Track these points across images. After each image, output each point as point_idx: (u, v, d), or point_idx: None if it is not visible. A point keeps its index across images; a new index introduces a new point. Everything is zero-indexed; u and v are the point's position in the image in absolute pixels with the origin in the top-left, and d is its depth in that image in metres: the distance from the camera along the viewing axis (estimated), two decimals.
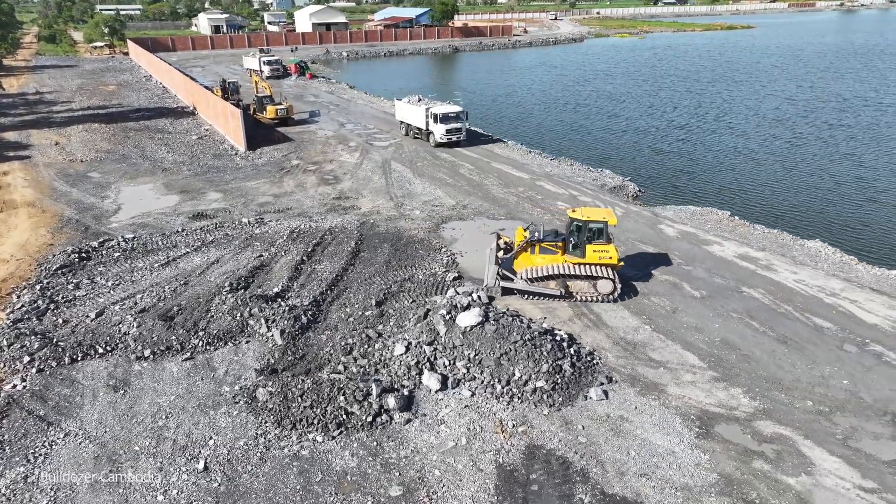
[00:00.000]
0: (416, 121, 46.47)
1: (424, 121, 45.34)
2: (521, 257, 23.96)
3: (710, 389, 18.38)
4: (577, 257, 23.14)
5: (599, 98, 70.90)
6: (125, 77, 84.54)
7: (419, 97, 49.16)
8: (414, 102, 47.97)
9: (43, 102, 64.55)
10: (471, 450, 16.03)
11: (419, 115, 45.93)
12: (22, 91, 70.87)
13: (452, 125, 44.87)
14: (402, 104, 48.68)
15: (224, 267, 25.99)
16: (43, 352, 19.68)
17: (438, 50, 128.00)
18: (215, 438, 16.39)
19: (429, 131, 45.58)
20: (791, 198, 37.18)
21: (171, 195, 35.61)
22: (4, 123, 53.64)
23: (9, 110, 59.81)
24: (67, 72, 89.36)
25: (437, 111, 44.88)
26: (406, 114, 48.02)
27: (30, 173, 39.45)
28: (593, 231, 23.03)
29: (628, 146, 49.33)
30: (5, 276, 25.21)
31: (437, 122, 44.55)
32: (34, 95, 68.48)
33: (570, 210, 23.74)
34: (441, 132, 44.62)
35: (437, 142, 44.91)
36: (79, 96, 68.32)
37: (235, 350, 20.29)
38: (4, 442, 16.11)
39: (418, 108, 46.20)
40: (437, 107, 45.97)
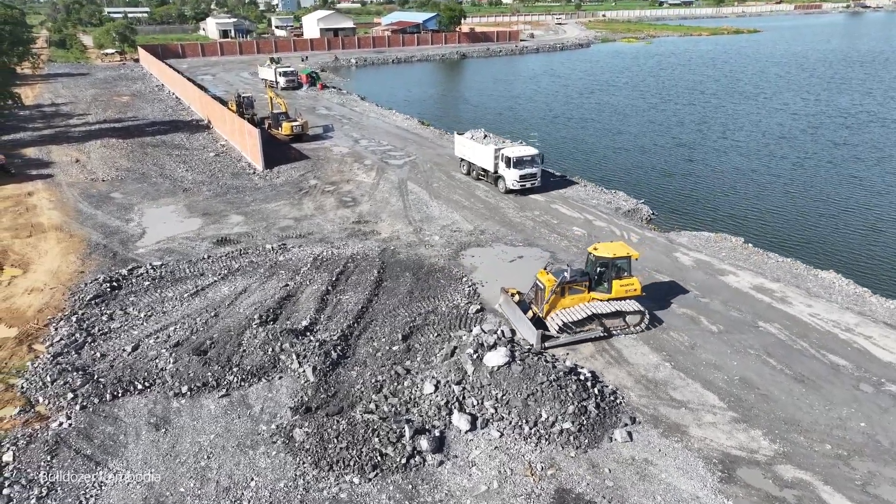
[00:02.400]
0: (482, 161, 41.27)
1: (493, 163, 40.11)
2: (553, 300, 23.44)
3: (731, 431, 18.99)
4: (605, 293, 23.75)
5: (603, 112, 71.36)
6: (138, 86, 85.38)
7: (484, 132, 43.97)
8: (479, 139, 42.66)
9: (60, 115, 65.40)
10: (503, 493, 16.69)
11: (486, 156, 40.72)
12: (38, 103, 71.75)
13: (527, 170, 39.19)
14: (465, 140, 43.35)
15: (252, 297, 26.69)
16: (85, 388, 20.40)
17: (446, 56, 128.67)
18: (256, 480, 17.08)
19: (497, 175, 40.24)
20: (800, 223, 37.70)
21: (194, 218, 36.34)
22: (25, 139, 54.48)
23: (27, 124, 60.66)
24: (80, 80, 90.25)
25: (511, 154, 39.10)
26: (468, 151, 42.83)
27: (54, 194, 40.22)
28: (619, 267, 23.72)
29: (634, 166, 49.81)
30: (41, 306, 25.96)
31: (511, 167, 39.01)
32: (50, 107, 69.31)
33: (592, 248, 24.32)
34: (514, 179, 39.09)
35: (508, 189, 39.51)
36: (94, 108, 69.16)
37: (269, 386, 20.98)
38: (57, 483, 16.83)
39: (485, 147, 40.88)
40: (510, 148, 39.97)
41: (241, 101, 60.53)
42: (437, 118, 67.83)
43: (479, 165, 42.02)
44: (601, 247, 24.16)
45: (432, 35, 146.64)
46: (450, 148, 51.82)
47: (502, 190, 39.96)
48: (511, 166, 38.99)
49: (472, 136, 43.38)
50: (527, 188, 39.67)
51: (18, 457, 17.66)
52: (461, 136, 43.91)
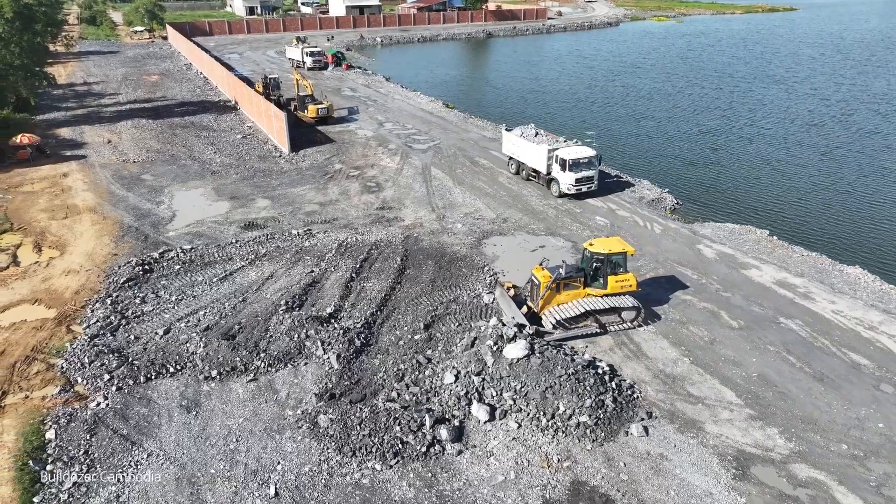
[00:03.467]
0: (534, 162, 38.51)
1: (546, 164, 37.43)
2: (548, 296, 23.70)
3: (747, 428, 19.21)
4: (600, 289, 23.86)
5: (627, 96, 70.31)
6: (166, 65, 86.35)
7: (535, 129, 40.84)
8: (529, 136, 39.72)
9: (92, 94, 66.61)
10: (519, 484, 17.20)
11: (538, 156, 37.92)
12: (70, 82, 73.07)
13: (584, 173, 36.27)
14: (514, 137, 40.41)
15: (278, 283, 27.38)
16: (120, 370, 21.32)
17: (472, 35, 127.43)
18: (283, 463, 17.82)
19: (550, 177, 37.53)
20: (827, 215, 37.18)
21: (222, 201, 37.10)
22: (59, 119, 55.73)
23: (61, 103, 61.96)
24: (111, 59, 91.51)
25: (567, 156, 36.08)
26: (518, 150, 40.02)
27: (88, 175, 41.29)
28: (614, 263, 23.85)
29: (658, 154, 49.23)
30: (78, 287, 26.97)
31: (566, 170, 36.11)
32: (83, 87, 70.58)
33: (588, 243, 24.38)
34: (569, 182, 36.22)
35: (562, 192, 36.80)
36: (125, 87, 70.27)
37: (295, 372, 21.68)
38: (96, 460, 17.76)
39: (537, 146, 38.00)
40: (565, 149, 36.88)
41: (268, 83, 61.02)
42: (460, 101, 67.63)
43: (529, 166, 39.06)
44: (597, 242, 24.24)
45: (458, 13, 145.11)
46: (474, 132, 51.93)
47: (555, 193, 37.27)
48: (566, 169, 36.04)
49: (522, 133, 40.32)
50: (582, 192, 36.85)
51: (60, 434, 18.63)
52: (510, 133, 40.88)
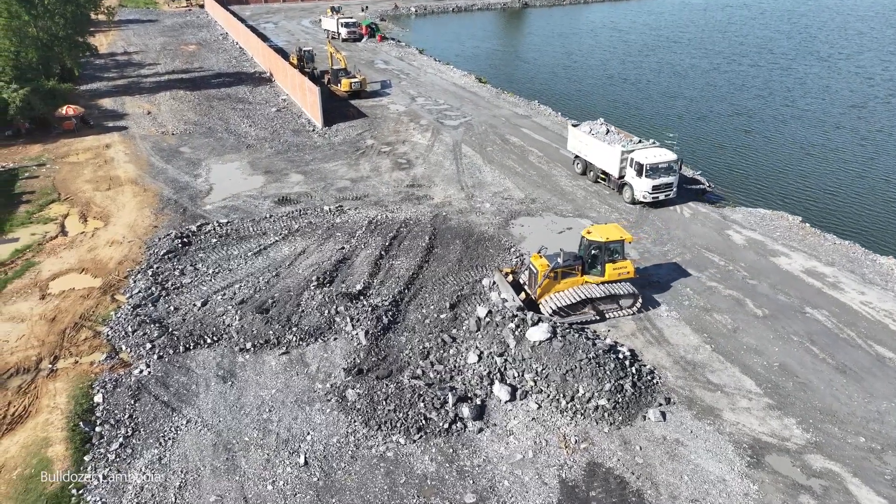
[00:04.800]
0: (605, 163, 34.97)
1: (618, 167, 33.90)
2: (545, 285, 23.89)
3: (765, 418, 19.50)
4: (598, 276, 24.02)
5: (661, 73, 68.61)
6: (203, 35, 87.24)
7: (606, 125, 36.79)
8: (599, 133, 36.06)
9: (132, 64, 67.97)
10: (537, 462, 17.89)
11: (610, 158, 34.38)
12: (111, 51, 74.51)
13: (662, 180, 32.53)
14: (581, 134, 36.58)
15: (310, 259, 28.25)
16: (161, 339, 22.51)
17: (508, 5, 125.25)
18: (312, 434, 18.81)
19: (623, 182, 34.04)
20: (863, 203, 36.41)
21: (257, 175, 38.01)
22: (101, 89, 57.19)
23: (102, 73, 63.44)
24: (150, 27, 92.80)
25: (643, 159, 32.41)
26: (586, 149, 36.31)
27: (129, 146, 42.60)
28: (612, 250, 23.98)
29: (689, 135, 47.98)
30: (121, 258, 28.25)
31: (642, 176, 32.50)
32: (123, 56, 72.00)
33: (585, 231, 24.43)
34: (645, 189, 32.64)
35: (636, 200, 33.32)
36: (163, 57, 71.44)
37: (325, 347, 22.60)
38: (140, 424, 19.00)
39: (610, 147, 34.34)
40: (642, 152, 33.18)
41: (302, 56, 61.44)
42: (493, 74, 67.11)
43: (599, 167, 35.67)
44: (595, 230, 24.35)
45: None
46: (506, 109, 51.74)
47: (627, 200, 33.83)
48: (643, 174, 32.45)
49: (592, 129, 36.61)
50: (659, 200, 33.43)
51: (107, 398, 19.92)
52: (577, 130, 37.06)
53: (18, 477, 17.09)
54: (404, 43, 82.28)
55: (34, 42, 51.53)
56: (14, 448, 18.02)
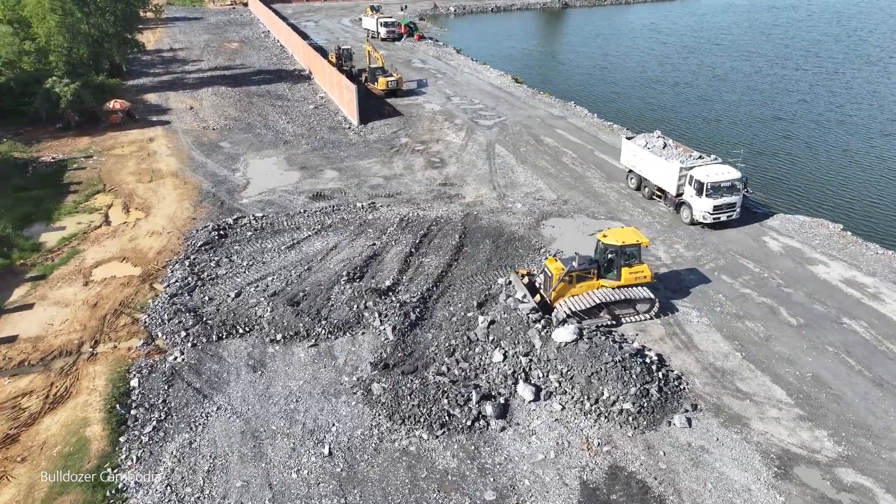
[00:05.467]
0: (661, 180, 32.68)
1: (676, 184, 31.49)
2: (560, 288, 23.73)
3: (795, 428, 19.10)
4: (613, 281, 23.73)
5: (699, 76, 67.19)
6: (246, 32, 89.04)
7: (663, 138, 34.36)
8: (656, 147, 33.70)
9: (177, 61, 69.83)
10: (558, 463, 17.89)
11: (667, 175, 32.01)
12: (158, 48, 76.69)
13: (724, 200, 30.11)
14: (636, 147, 34.43)
15: (341, 254, 28.69)
16: (195, 328, 23.18)
17: (547, 5, 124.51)
18: (337, 426, 19.16)
19: (681, 200, 31.54)
20: None
21: (293, 171, 38.72)
22: (147, 84, 58.96)
23: (149, 69, 65.36)
24: (195, 25, 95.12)
25: (704, 177, 29.93)
26: (641, 163, 34.09)
27: (171, 140, 43.85)
28: (628, 254, 23.66)
29: (725, 140, 46.87)
30: (160, 248, 29.15)
31: (702, 195, 30.03)
32: (169, 53, 74.05)
33: (601, 234, 24.20)
34: (705, 210, 30.23)
35: (695, 220, 30.88)
36: (206, 54, 73.18)
37: (353, 341, 22.97)
38: (173, 409, 19.64)
39: (667, 162, 31.99)
40: (703, 169, 30.65)
41: (341, 54, 62.23)
42: (529, 75, 66.88)
43: (654, 183, 33.44)
44: (611, 233, 24.09)
45: None
46: (541, 109, 51.55)
47: (685, 220, 31.36)
48: (703, 193, 30.04)
49: (647, 143, 34.42)
50: (721, 222, 31.03)
51: (142, 383, 20.63)
52: (631, 143, 35.05)
53: (58, 454, 17.86)
54: (442, 42, 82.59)
55: (86, 38, 53.39)
56: (55, 426, 18.84)
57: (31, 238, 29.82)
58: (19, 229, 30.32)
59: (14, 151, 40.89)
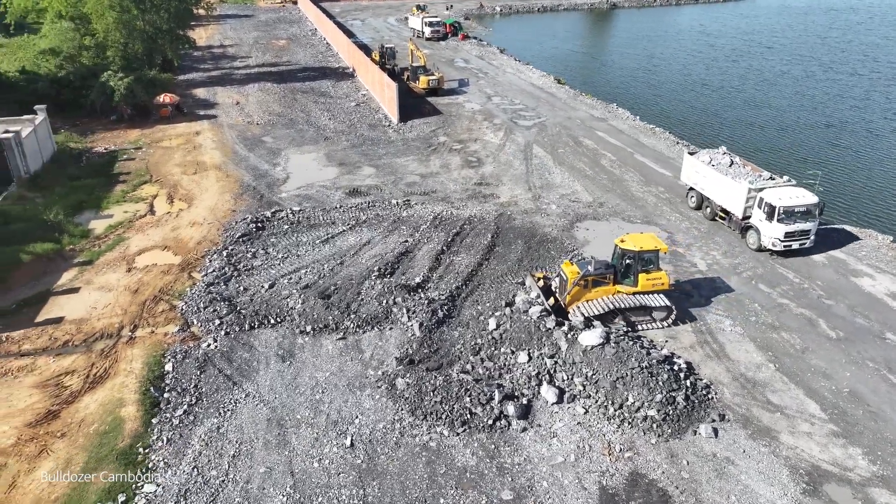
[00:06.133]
0: (726, 200, 30.28)
1: (743, 206, 29.15)
2: (575, 292, 23.42)
3: (827, 444, 18.50)
4: (630, 286, 23.30)
5: (747, 80, 65.15)
6: (294, 30, 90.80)
7: (729, 155, 31.78)
8: (720, 165, 31.12)
9: (226, 57, 71.75)
10: (578, 467, 17.77)
11: (733, 195, 29.68)
12: (209, 44, 78.93)
13: (798, 226, 27.59)
14: (699, 164, 31.93)
15: (374, 249, 29.06)
16: (229, 317, 23.86)
17: (595, 6, 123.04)
18: (360, 418, 19.45)
19: (748, 224, 29.13)
20: None
21: (332, 167, 39.37)
22: (196, 79, 60.80)
23: (199, 64, 67.36)
24: (245, 22, 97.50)
25: (776, 200, 27.53)
26: (704, 181, 31.62)
27: (217, 134, 45.12)
28: (646, 260, 23.16)
29: (770, 146, 45.64)
30: (200, 238, 30.07)
31: (773, 219, 27.58)
32: (219, 49, 76.12)
33: (619, 239, 23.72)
34: (775, 236, 27.73)
35: (762, 247, 28.49)
36: (255, 51, 74.96)
37: (380, 335, 23.25)
38: (203, 394, 20.28)
39: (734, 182, 29.66)
40: (774, 191, 28.26)
41: (384, 52, 62.87)
42: (572, 76, 66.30)
43: (718, 203, 31.02)
44: (629, 238, 23.61)
45: None
46: (582, 111, 51.04)
47: (752, 246, 29.01)
48: (774, 218, 27.55)
49: (711, 159, 31.89)
50: (792, 249, 28.42)
51: (176, 367, 21.36)
52: (694, 158, 32.59)
53: (95, 431, 18.66)
54: (486, 42, 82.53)
55: (140, 35, 55.42)
56: (93, 405, 19.68)
57: (81, 225, 31.17)
58: (71, 216, 31.72)
59: (70, 142, 42.75)
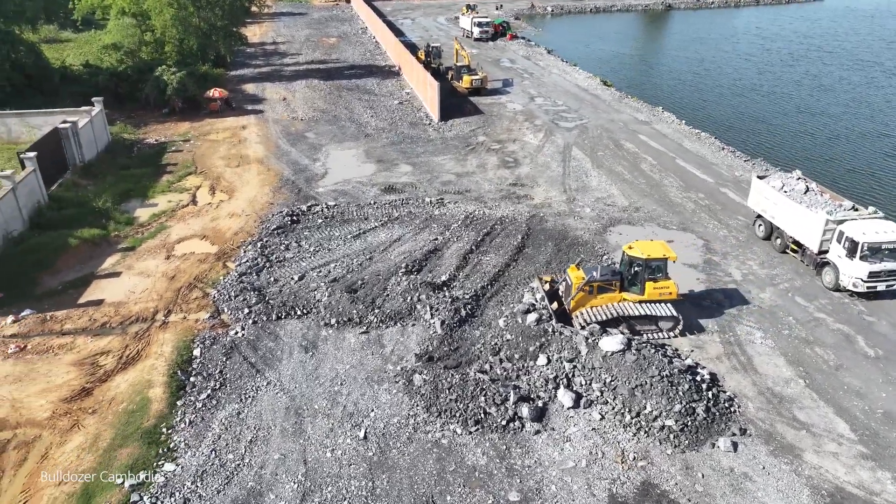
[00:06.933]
0: (800, 231, 27.20)
1: (819, 239, 26.17)
2: (580, 298, 23.03)
3: (854, 466, 17.75)
4: (636, 295, 22.74)
5: (801, 85, 62.61)
6: (345, 28, 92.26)
7: (805, 182, 28.42)
8: (795, 191, 28.06)
9: (277, 54, 73.50)
10: (588, 473, 17.57)
11: (809, 226, 26.55)
12: (262, 41, 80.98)
13: (885, 265, 24.58)
14: (769, 189, 28.98)
15: (404, 246, 29.35)
16: (258, 306, 24.53)
17: (650, 7, 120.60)
18: (376, 411, 19.72)
19: (825, 260, 26.22)
20: None
21: (370, 163, 39.91)
22: (247, 75, 62.52)
23: (250, 61, 69.24)
24: (299, 20, 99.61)
25: (860, 235, 24.65)
26: (774, 209, 28.57)
27: (262, 129, 46.34)
28: (653, 268, 22.52)
29: (821, 155, 43.87)
30: (237, 229, 30.98)
31: (855, 256, 24.64)
32: (271, 46, 78.05)
33: (627, 246, 23.19)
34: (857, 275, 24.77)
35: (841, 286, 25.48)
36: (305, 48, 76.51)
37: (402, 331, 23.50)
38: (227, 380, 20.94)
39: (810, 211, 26.61)
40: (857, 223, 25.34)
41: (430, 51, 63.25)
42: (620, 78, 65.28)
43: (790, 235, 27.95)
44: (637, 245, 23.02)
45: None
46: (626, 114, 50.19)
47: (828, 284, 26.00)
48: (856, 255, 24.62)
49: (784, 184, 28.71)
50: (877, 292, 25.21)
51: (204, 353, 22.11)
52: (763, 183, 29.50)
53: (123, 410, 19.52)
54: (534, 42, 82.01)
55: (196, 31, 57.42)
56: (124, 385, 20.58)
57: (127, 212, 32.55)
58: (118, 204, 33.16)
59: (124, 133, 44.65)
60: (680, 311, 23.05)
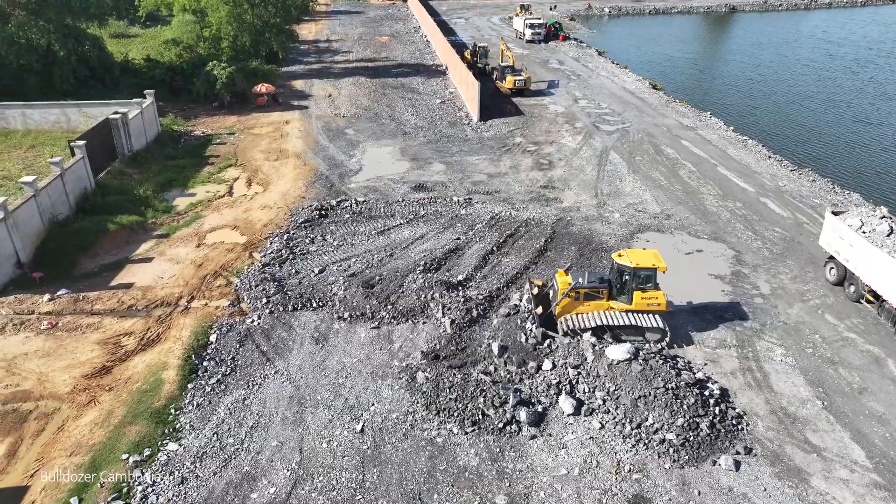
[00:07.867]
0: (880, 281, 23.22)
1: None
2: (565, 304, 22.57)
3: (865, 496, 16.85)
4: (624, 304, 22.06)
5: (862, 93, 59.17)
6: (398, 27, 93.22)
7: (889, 223, 24.36)
8: (877, 231, 24.10)
9: (329, 51, 74.98)
10: (580, 482, 17.31)
11: (893, 275, 22.54)
12: (315, 38, 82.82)
13: None
14: (844, 228, 25.01)
15: (426, 244, 29.54)
16: (276, 297, 25.19)
17: (712, 9, 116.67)
18: (376, 406, 19.98)
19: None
20: None
21: (404, 161, 40.28)
22: (297, 71, 64.04)
23: (302, 58, 70.88)
24: (354, 18, 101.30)
25: None
26: (850, 251, 24.65)
27: (304, 124, 47.43)
28: (642, 278, 21.73)
29: (869, 166, 41.59)
30: (267, 221, 31.86)
31: None
32: (325, 43, 79.71)
33: (617, 254, 22.52)
34: None
35: None
36: (357, 46, 77.76)
37: (412, 328, 23.68)
38: (238, 367, 21.63)
39: (894, 259, 22.61)
40: None
41: (476, 51, 63.21)
42: (670, 81, 63.47)
43: (867, 283, 24.08)
44: (627, 254, 22.34)
45: None
46: (671, 118, 48.87)
47: None
48: None
49: (863, 223, 24.73)
50: None
51: (219, 339, 22.89)
52: (838, 220, 25.55)
53: (137, 389, 20.45)
54: (585, 44, 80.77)
55: (249, 28, 59.27)
56: (141, 365, 21.54)
57: (167, 201, 33.95)
58: (159, 192, 34.63)
59: (174, 125, 46.52)
60: (668, 322, 22.51)
